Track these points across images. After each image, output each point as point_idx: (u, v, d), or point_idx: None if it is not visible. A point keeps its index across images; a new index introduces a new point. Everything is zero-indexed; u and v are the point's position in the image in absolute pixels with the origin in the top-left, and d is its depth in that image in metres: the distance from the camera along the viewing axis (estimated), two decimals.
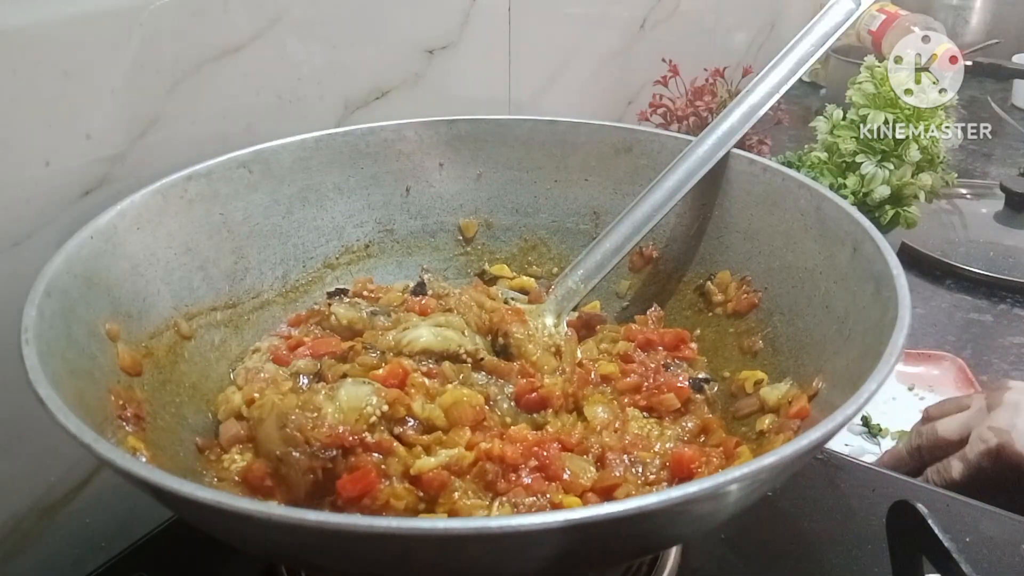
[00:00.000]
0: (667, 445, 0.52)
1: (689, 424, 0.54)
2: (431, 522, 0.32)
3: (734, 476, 0.33)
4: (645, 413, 0.56)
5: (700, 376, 0.59)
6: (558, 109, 1.07)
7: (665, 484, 0.49)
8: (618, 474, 0.49)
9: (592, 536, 0.33)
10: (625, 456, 0.51)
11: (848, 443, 0.77)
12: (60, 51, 0.53)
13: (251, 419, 0.51)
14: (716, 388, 0.58)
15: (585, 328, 0.65)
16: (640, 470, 0.50)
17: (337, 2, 0.73)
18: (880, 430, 0.78)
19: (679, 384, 0.56)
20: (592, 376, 0.57)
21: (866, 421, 0.79)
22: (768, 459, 0.34)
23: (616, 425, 0.53)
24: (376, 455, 0.47)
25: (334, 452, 0.46)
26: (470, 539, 0.31)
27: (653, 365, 0.59)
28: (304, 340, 0.59)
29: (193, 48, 0.62)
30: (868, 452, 0.76)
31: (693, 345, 0.62)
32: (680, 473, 0.49)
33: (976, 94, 1.55)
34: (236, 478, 0.49)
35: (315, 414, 0.48)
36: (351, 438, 0.46)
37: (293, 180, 0.65)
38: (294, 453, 0.46)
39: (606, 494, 0.47)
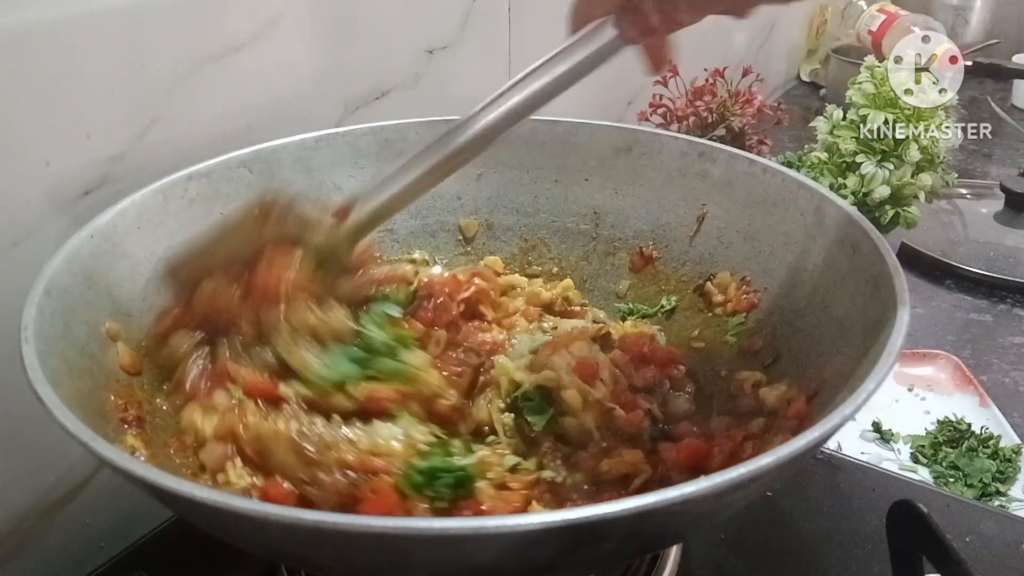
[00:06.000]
0: None
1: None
2: (428, 521, 0.32)
3: (733, 476, 0.33)
4: None
5: (663, 424, 0.53)
6: (558, 109, 1.06)
7: None
8: None
9: (591, 536, 0.33)
10: None
11: (864, 451, 0.76)
12: (60, 51, 0.53)
13: (253, 453, 0.47)
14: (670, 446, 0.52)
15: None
16: None
17: (337, 2, 0.73)
18: (892, 435, 0.78)
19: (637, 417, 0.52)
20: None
21: (877, 427, 0.78)
22: (767, 459, 0.34)
23: None
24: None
25: (356, 475, 0.44)
26: (467, 539, 0.31)
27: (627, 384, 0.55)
28: None
29: (193, 48, 0.62)
30: (886, 459, 0.75)
31: (681, 367, 0.59)
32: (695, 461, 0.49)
33: (976, 94, 1.55)
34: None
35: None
36: (377, 462, 0.45)
37: (293, 180, 0.65)
38: (320, 475, 0.44)
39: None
